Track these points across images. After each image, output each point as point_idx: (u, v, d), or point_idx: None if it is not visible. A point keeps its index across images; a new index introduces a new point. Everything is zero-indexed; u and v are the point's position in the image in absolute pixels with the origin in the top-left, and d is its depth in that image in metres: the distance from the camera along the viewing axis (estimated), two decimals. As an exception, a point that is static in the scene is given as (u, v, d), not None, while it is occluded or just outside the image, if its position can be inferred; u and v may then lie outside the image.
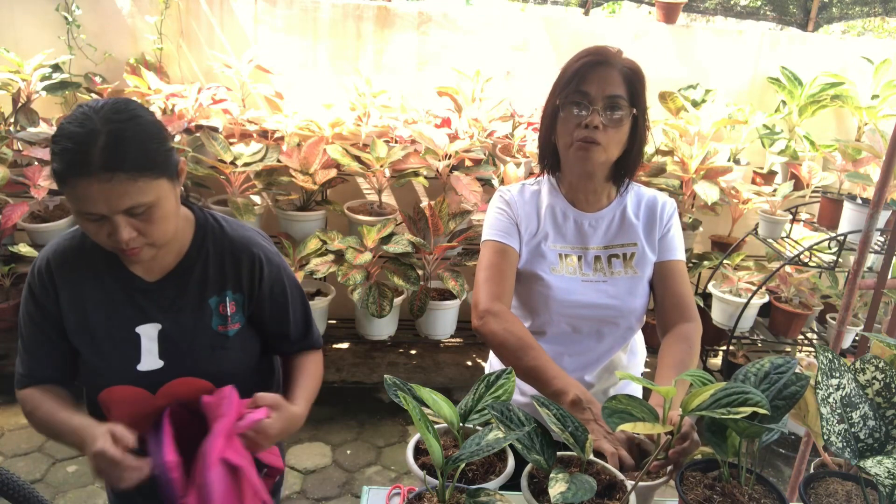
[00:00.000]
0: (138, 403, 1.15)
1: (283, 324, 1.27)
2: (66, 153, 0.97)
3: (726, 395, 0.91)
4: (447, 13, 3.37)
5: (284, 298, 1.26)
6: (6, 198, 2.79)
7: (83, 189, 0.97)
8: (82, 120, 0.99)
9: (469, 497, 0.91)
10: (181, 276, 1.17)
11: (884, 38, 5.59)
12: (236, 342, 1.21)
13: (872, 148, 2.84)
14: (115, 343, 1.14)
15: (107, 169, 0.96)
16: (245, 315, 1.22)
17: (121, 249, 1.04)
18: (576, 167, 1.33)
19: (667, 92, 3.50)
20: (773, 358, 1.02)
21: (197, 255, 1.18)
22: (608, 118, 1.25)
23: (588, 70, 1.25)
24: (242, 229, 1.24)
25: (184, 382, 1.17)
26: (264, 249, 1.23)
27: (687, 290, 1.38)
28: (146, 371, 1.15)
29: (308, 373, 1.30)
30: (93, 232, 1.02)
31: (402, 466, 2.78)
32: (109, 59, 3.17)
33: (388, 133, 3.07)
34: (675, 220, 1.42)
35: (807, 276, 3.22)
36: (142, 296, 1.15)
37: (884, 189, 1.80)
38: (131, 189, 0.98)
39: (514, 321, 1.31)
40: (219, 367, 1.19)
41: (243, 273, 1.20)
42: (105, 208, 0.98)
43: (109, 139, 0.97)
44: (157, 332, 1.15)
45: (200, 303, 1.18)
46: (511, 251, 1.37)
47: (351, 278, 2.71)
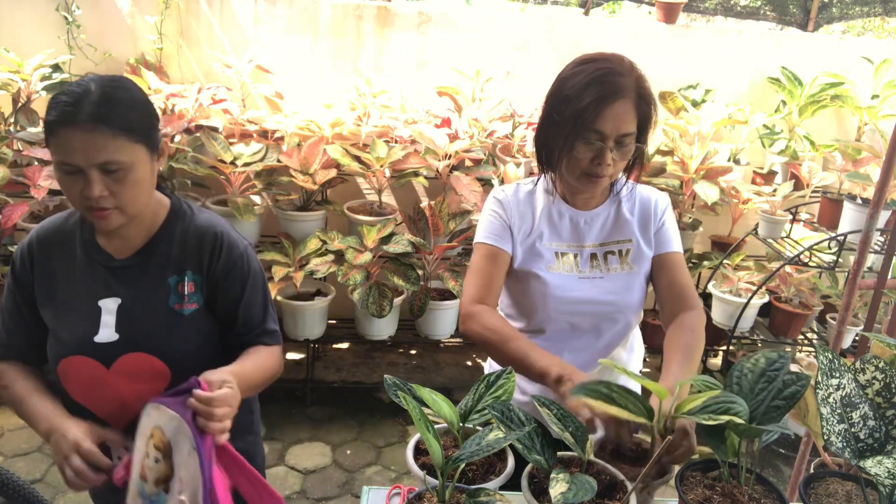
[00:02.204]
0: (93, 377, 1.19)
1: (236, 312, 1.26)
2: (59, 105, 1.06)
3: (715, 402, 0.93)
4: (447, 13, 3.37)
5: (242, 284, 1.27)
6: (6, 198, 2.79)
7: (67, 138, 1.05)
8: (80, 81, 1.10)
9: (469, 497, 0.91)
10: (146, 255, 1.23)
11: (884, 38, 5.59)
12: (191, 323, 1.23)
13: (872, 148, 2.84)
14: (78, 314, 1.19)
15: (92, 120, 1.05)
16: (203, 297, 1.25)
17: (91, 209, 1.09)
18: (580, 188, 1.34)
19: (667, 92, 3.50)
20: (766, 352, 1.02)
21: (163, 237, 1.23)
22: (618, 153, 1.25)
23: (603, 108, 1.20)
24: (211, 216, 1.29)
25: (137, 358, 1.20)
26: (229, 234, 1.27)
27: (686, 280, 1.38)
28: (102, 343, 1.18)
29: (253, 356, 1.25)
30: (68, 187, 1.08)
31: (402, 466, 2.78)
32: (109, 59, 3.17)
33: (388, 133, 3.07)
34: (668, 214, 1.42)
35: (807, 276, 3.22)
36: (108, 272, 1.21)
37: (884, 189, 1.80)
38: (110, 145, 1.06)
39: (490, 317, 1.31)
40: (171, 345, 1.21)
41: (204, 253, 1.24)
42: (82, 159, 1.05)
43: (100, 97, 1.06)
44: (116, 306, 1.20)
45: (160, 280, 1.22)
46: (501, 254, 1.37)
47: (351, 278, 2.71)
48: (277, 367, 1.32)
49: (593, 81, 1.21)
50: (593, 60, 1.24)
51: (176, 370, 1.21)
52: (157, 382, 1.22)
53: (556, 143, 1.28)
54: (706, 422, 0.90)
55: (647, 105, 1.25)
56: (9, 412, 2.88)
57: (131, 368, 1.20)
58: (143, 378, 1.21)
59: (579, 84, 1.22)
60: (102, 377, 1.19)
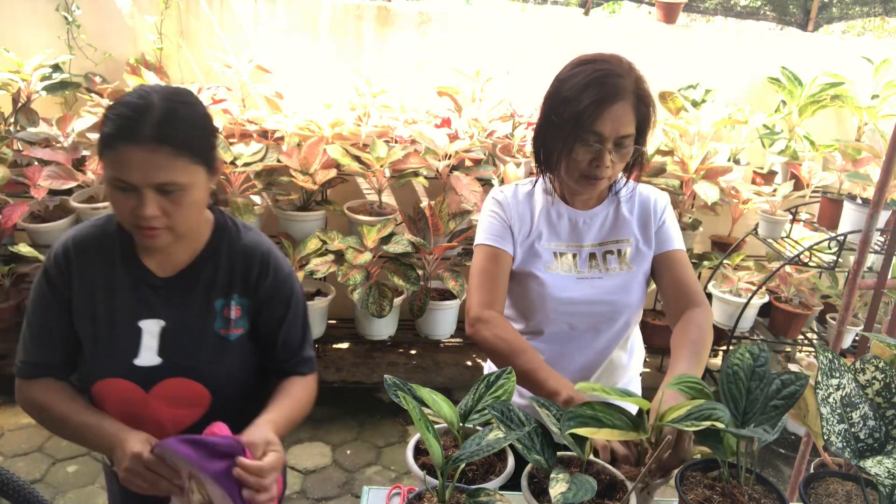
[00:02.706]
0: (131, 400, 1.15)
1: (274, 333, 1.23)
2: (120, 118, 1.00)
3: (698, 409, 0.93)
4: (447, 13, 3.37)
5: (285, 309, 1.23)
6: (6, 198, 2.79)
7: (126, 154, 0.99)
8: (141, 93, 1.04)
9: (469, 497, 0.91)
10: (192, 275, 1.17)
11: (884, 38, 5.59)
12: (236, 348, 1.20)
13: (872, 148, 2.84)
14: (116, 334, 1.14)
15: (155, 139, 0.99)
16: (249, 321, 1.21)
17: (140, 227, 1.04)
18: (578, 189, 1.34)
19: (667, 92, 3.50)
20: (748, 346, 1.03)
21: (210, 256, 1.18)
22: (617, 155, 1.24)
23: (602, 110, 1.19)
24: (257, 236, 1.23)
25: (179, 383, 1.16)
26: (276, 254, 1.23)
27: (690, 277, 1.37)
28: (143, 366, 1.14)
29: (291, 395, 1.22)
30: (119, 203, 1.03)
31: (402, 466, 2.78)
32: (109, 59, 3.17)
33: (388, 133, 3.07)
34: (668, 212, 1.42)
35: (807, 276, 3.22)
36: (150, 291, 1.15)
37: (884, 189, 1.80)
38: (171, 165, 1.01)
39: (504, 326, 1.31)
40: (216, 371, 1.18)
41: (251, 275, 1.19)
42: (141, 178, 1.00)
43: (164, 113, 1.01)
44: (159, 329, 1.15)
45: (206, 303, 1.17)
46: (504, 255, 1.37)
47: (351, 278, 2.71)
48: (312, 401, 1.28)
49: (592, 83, 1.20)
50: (592, 61, 1.24)
51: (217, 395, 1.19)
52: (197, 407, 1.19)
53: (555, 144, 1.27)
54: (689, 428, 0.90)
55: (645, 107, 1.24)
56: (9, 412, 2.88)
57: (172, 393, 1.16)
58: (183, 403, 1.17)
59: (578, 85, 1.21)
60: (140, 400, 1.14)
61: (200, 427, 1.14)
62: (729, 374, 1.01)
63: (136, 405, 1.15)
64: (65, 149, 2.83)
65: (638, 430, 0.96)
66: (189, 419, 1.19)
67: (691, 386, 1.00)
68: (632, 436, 0.95)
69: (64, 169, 2.74)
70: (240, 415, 1.16)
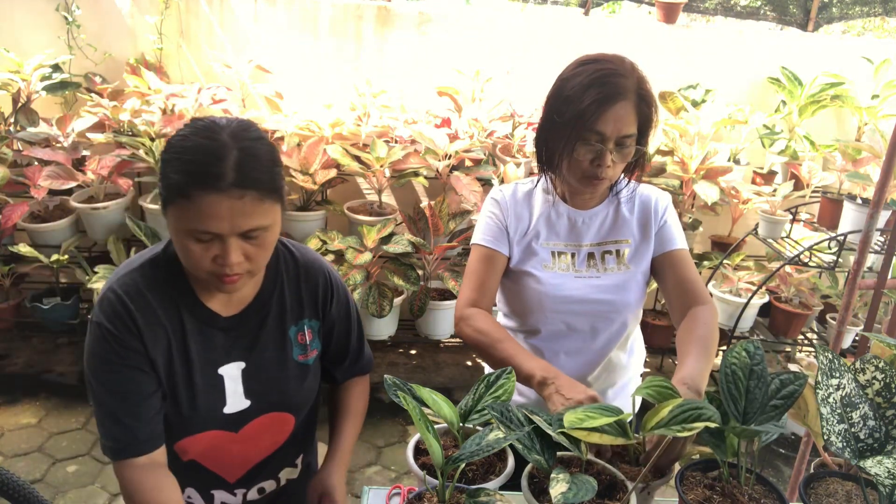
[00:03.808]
0: (219, 445, 1.12)
1: (344, 346, 1.25)
2: (195, 164, 0.90)
3: (682, 411, 0.92)
4: (447, 13, 3.37)
5: (349, 320, 1.24)
6: (6, 198, 2.79)
7: (209, 205, 0.90)
8: (208, 133, 0.93)
9: (469, 497, 0.91)
10: (260, 309, 1.11)
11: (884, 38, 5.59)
12: (314, 369, 1.20)
13: (872, 148, 2.84)
14: (199, 389, 1.06)
15: (239, 186, 0.91)
16: (321, 341, 1.20)
17: (220, 276, 0.97)
18: (580, 189, 1.34)
19: (667, 92, 3.50)
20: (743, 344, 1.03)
21: (273, 286, 1.12)
22: (619, 156, 1.24)
23: (604, 109, 1.19)
24: (309, 252, 1.20)
25: (268, 418, 1.14)
26: (333, 272, 1.21)
27: (694, 276, 1.36)
28: (232, 413, 1.09)
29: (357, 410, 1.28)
30: (196, 253, 0.94)
31: (402, 466, 2.78)
32: (109, 59, 3.17)
33: (388, 133, 3.07)
34: (670, 212, 1.41)
35: (807, 276, 3.22)
36: (222, 334, 1.08)
37: (884, 189, 1.80)
38: (258, 210, 0.93)
39: (482, 319, 1.32)
40: (301, 397, 1.17)
41: (318, 298, 1.17)
42: (227, 227, 0.92)
43: (242, 156, 0.92)
44: (240, 372, 1.09)
45: (281, 334, 1.13)
46: (497, 256, 1.37)
47: (351, 278, 2.71)
48: (367, 400, 1.33)
49: (594, 83, 1.20)
50: (594, 61, 1.23)
51: (299, 417, 1.20)
52: (283, 434, 1.19)
53: (557, 144, 1.27)
54: (680, 434, 0.89)
55: (647, 107, 1.24)
56: (9, 412, 2.88)
57: (262, 428, 1.14)
58: (271, 433, 1.16)
59: (580, 85, 1.21)
60: (228, 442, 1.11)
61: (282, 450, 1.19)
62: (728, 374, 1.00)
63: (224, 446, 1.12)
64: (65, 149, 2.83)
65: (627, 435, 0.96)
66: (273, 447, 1.20)
67: (659, 390, 0.99)
68: (621, 441, 0.95)
69: (64, 169, 2.74)
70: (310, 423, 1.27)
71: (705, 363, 1.18)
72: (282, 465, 1.25)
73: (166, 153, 0.95)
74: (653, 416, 0.95)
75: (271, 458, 1.20)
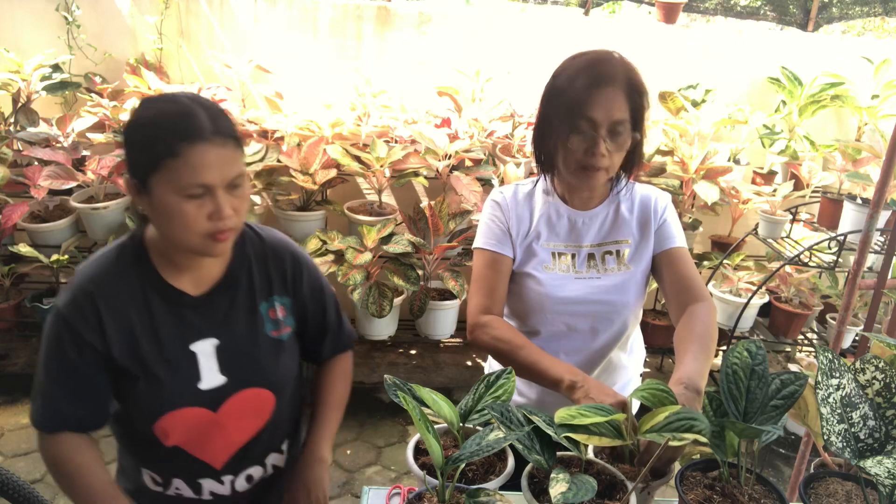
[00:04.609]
0: (199, 424, 1.12)
1: (322, 324, 1.28)
2: (174, 124, 0.96)
3: (677, 419, 0.92)
4: (447, 13, 3.37)
5: (322, 298, 1.27)
6: (6, 198, 2.79)
7: (200, 155, 0.95)
8: (169, 100, 1.00)
9: (469, 497, 0.91)
10: (229, 286, 1.14)
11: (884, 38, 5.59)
12: (289, 346, 1.21)
13: (872, 148, 2.84)
14: (172, 366, 1.09)
15: (219, 134, 0.98)
16: (294, 318, 1.22)
17: (214, 235, 1.01)
18: (578, 184, 1.34)
19: (667, 92, 3.50)
20: (745, 343, 1.03)
21: (241, 263, 1.16)
22: (613, 144, 1.24)
23: (593, 94, 1.20)
24: (275, 233, 1.24)
25: (247, 395, 1.15)
26: (301, 251, 1.25)
27: (692, 273, 1.35)
28: (209, 389, 1.11)
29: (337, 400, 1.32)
30: (191, 214, 0.98)
31: (402, 466, 2.78)
32: (109, 59, 3.17)
33: (388, 133, 3.07)
34: (669, 211, 1.41)
35: (807, 276, 3.22)
36: (192, 312, 1.11)
37: (884, 189, 1.80)
38: (237, 157, 1.01)
39: (500, 326, 1.31)
40: (278, 373, 1.19)
41: (287, 274, 1.20)
42: (218, 177, 0.97)
43: (209, 112, 0.99)
44: (213, 348, 1.12)
45: (252, 310, 1.16)
46: (503, 260, 1.37)
47: (351, 278, 2.71)
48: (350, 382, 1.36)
49: (582, 72, 1.23)
50: (584, 54, 1.27)
51: (280, 396, 1.20)
52: (264, 413, 1.20)
53: (551, 137, 1.29)
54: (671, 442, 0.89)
55: (638, 95, 1.25)
56: (9, 412, 2.88)
57: (240, 406, 1.15)
58: (252, 412, 1.17)
59: (570, 76, 1.24)
60: (209, 422, 1.12)
61: (264, 432, 1.20)
62: (728, 374, 1.01)
63: (205, 427, 1.13)
64: (65, 149, 2.83)
65: (623, 437, 0.96)
66: (256, 427, 1.20)
67: (654, 393, 0.99)
68: (618, 443, 0.95)
69: (64, 169, 2.74)
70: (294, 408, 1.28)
71: (704, 362, 1.17)
72: (267, 450, 1.24)
73: (132, 133, 1.00)
74: (648, 420, 0.95)
75: (256, 440, 1.20)
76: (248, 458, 1.21)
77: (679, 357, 1.20)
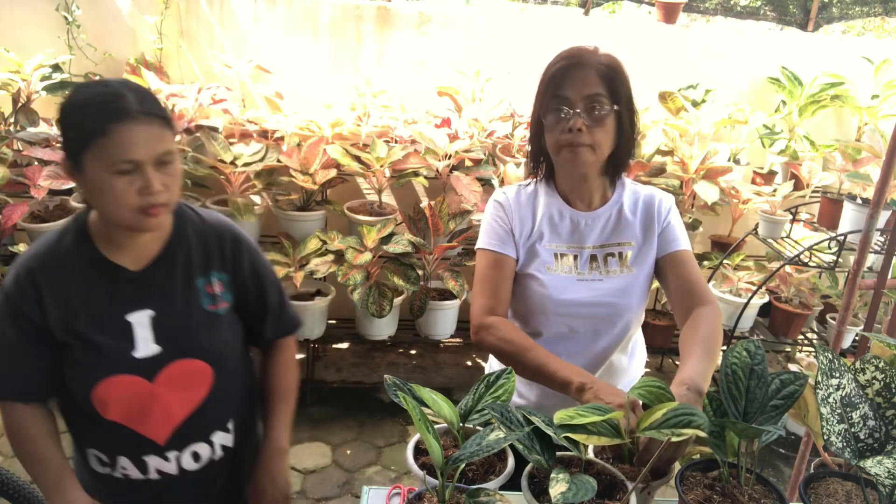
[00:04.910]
0: (136, 395, 1.16)
1: (262, 303, 1.31)
2: (104, 105, 1.03)
3: (675, 415, 0.92)
4: (447, 13, 3.37)
5: (263, 275, 1.31)
6: (6, 198, 2.79)
7: (126, 134, 1.02)
8: (100, 85, 1.07)
9: (469, 497, 0.91)
10: (167, 261, 1.19)
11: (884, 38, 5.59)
12: (227, 322, 1.25)
13: (872, 148, 2.84)
14: (108, 335, 1.14)
15: (146, 114, 1.04)
16: (232, 294, 1.26)
17: (146, 209, 1.06)
18: (568, 171, 1.34)
19: (667, 92, 3.50)
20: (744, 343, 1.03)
21: (179, 241, 1.21)
22: (591, 118, 1.25)
23: (564, 74, 1.26)
24: (215, 214, 1.30)
25: (182, 365, 1.18)
26: (241, 232, 1.30)
27: (697, 276, 1.35)
28: (144, 357, 1.15)
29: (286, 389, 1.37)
30: (121, 190, 1.04)
31: (402, 466, 2.78)
32: (109, 59, 3.16)
33: (388, 133, 3.07)
34: (673, 213, 1.41)
35: (807, 276, 3.22)
36: (129, 285, 1.16)
37: (884, 189, 1.80)
38: (164, 135, 1.07)
39: (506, 328, 1.31)
40: (214, 346, 1.23)
41: (226, 252, 1.25)
42: (145, 152, 1.04)
43: (138, 95, 1.06)
44: (149, 319, 1.16)
45: (188, 284, 1.20)
46: (506, 260, 1.37)
47: (351, 278, 2.71)
48: (296, 373, 1.41)
49: (559, 59, 1.29)
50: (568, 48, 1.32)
51: (218, 370, 1.23)
52: (202, 387, 1.22)
53: (539, 125, 1.32)
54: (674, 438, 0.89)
55: (614, 73, 1.27)
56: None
57: (177, 377, 1.18)
58: (188, 384, 1.20)
59: (549, 65, 1.31)
60: (146, 393, 1.16)
61: (206, 408, 1.21)
62: (728, 374, 1.01)
63: (143, 398, 1.16)
64: (65, 149, 2.82)
65: (622, 436, 0.96)
66: (195, 401, 1.22)
67: (651, 390, 0.99)
68: (617, 441, 0.95)
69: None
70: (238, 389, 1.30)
71: (708, 364, 1.17)
72: (212, 427, 1.26)
73: (66, 116, 1.07)
74: (647, 417, 0.95)
75: (198, 416, 1.22)
76: (191, 434, 1.23)
77: (683, 359, 1.20)
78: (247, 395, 1.35)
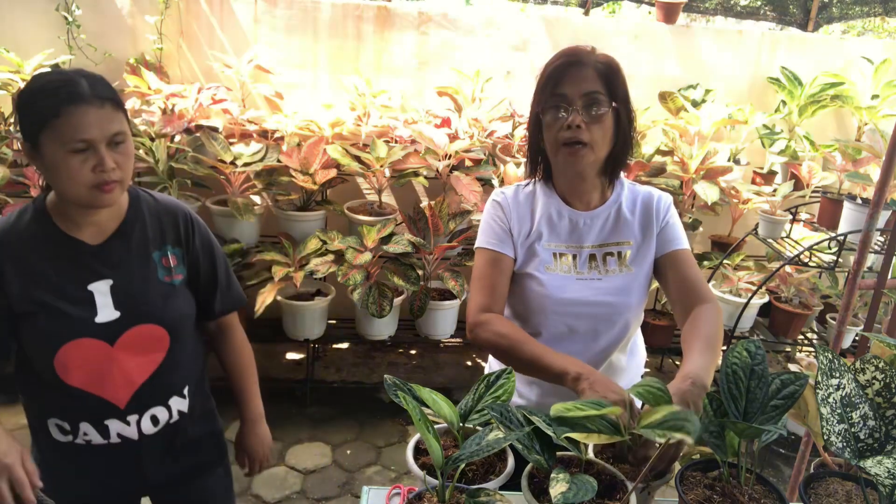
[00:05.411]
0: (97, 357, 1.23)
1: (212, 278, 1.40)
2: (58, 90, 1.10)
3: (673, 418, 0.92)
4: (447, 13, 3.37)
5: (213, 254, 1.40)
6: (6, 198, 2.79)
7: (79, 116, 1.10)
8: (56, 73, 1.15)
9: (469, 497, 0.91)
10: (124, 236, 1.27)
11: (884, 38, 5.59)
12: (181, 292, 1.33)
13: (872, 148, 2.84)
14: (70, 302, 1.21)
15: (98, 97, 1.12)
16: (185, 268, 1.34)
17: (100, 186, 1.14)
18: (566, 170, 1.34)
19: (667, 92, 3.50)
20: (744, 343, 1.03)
21: (135, 218, 1.29)
22: (589, 116, 1.26)
23: (562, 72, 1.27)
24: (170, 196, 1.39)
25: (141, 329, 1.26)
26: (193, 214, 1.39)
27: (697, 275, 1.36)
28: (105, 322, 1.22)
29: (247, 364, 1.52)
30: (76, 168, 1.12)
31: (402, 466, 2.78)
32: (109, 59, 3.17)
33: (388, 133, 3.07)
34: (671, 212, 1.41)
35: (807, 276, 3.22)
36: (89, 257, 1.24)
37: (884, 189, 1.80)
38: (116, 117, 1.15)
39: (500, 323, 1.31)
40: (170, 313, 1.30)
41: (179, 229, 1.34)
42: (98, 133, 1.12)
43: (91, 80, 1.14)
44: (108, 287, 1.24)
45: (145, 256, 1.29)
46: (504, 259, 1.37)
47: (351, 278, 2.71)
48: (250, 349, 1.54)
49: (556, 58, 1.30)
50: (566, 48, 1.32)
51: (174, 336, 1.31)
52: (159, 352, 1.30)
53: (537, 125, 1.33)
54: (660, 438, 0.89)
55: (611, 71, 1.28)
56: (9, 412, 2.87)
57: (135, 341, 1.26)
58: (146, 349, 1.28)
59: (546, 65, 1.31)
60: (106, 356, 1.23)
61: (163, 372, 1.31)
62: (728, 374, 1.01)
63: (103, 361, 1.23)
64: (65, 149, 2.82)
65: (621, 433, 0.96)
66: (153, 364, 1.29)
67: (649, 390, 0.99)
68: (616, 439, 0.95)
69: (64, 169, 2.74)
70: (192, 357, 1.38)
71: (710, 359, 1.18)
72: (170, 392, 1.34)
73: (23, 101, 1.13)
74: (647, 416, 0.95)
75: (156, 379, 1.29)
76: (150, 398, 1.30)
77: (686, 355, 1.20)
78: (200, 363, 1.44)
